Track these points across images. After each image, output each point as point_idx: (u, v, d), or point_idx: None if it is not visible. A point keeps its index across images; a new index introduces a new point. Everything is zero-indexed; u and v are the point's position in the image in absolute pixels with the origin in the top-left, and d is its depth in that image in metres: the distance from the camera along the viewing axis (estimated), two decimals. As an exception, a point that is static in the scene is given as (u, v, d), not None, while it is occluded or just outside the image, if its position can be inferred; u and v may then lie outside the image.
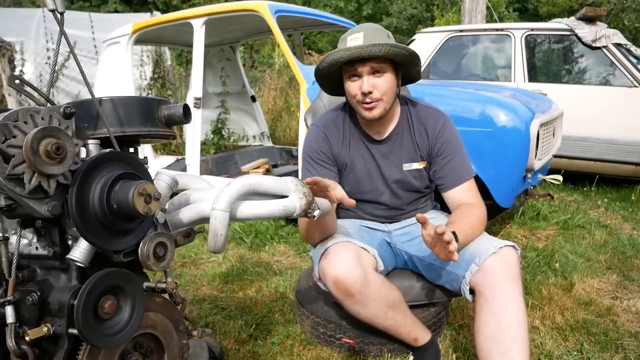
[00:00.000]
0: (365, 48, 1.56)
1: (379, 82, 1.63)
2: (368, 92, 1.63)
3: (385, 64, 1.63)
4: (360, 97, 1.66)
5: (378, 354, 1.85)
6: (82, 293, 0.86)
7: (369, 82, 1.63)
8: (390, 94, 1.68)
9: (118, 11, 16.96)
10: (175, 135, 1.18)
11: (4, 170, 0.79)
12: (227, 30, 4.59)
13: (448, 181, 1.76)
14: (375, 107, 1.67)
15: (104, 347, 0.94)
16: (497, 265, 1.49)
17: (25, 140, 0.80)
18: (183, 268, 2.84)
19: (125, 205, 0.87)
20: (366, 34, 1.62)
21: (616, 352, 1.89)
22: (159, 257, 0.97)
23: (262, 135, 5.43)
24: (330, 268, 1.57)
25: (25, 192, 0.82)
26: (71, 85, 8.06)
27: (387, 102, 1.68)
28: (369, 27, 1.67)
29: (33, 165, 0.80)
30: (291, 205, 1.15)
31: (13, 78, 0.93)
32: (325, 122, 1.84)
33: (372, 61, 1.60)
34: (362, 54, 1.57)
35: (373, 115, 1.68)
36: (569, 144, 4.34)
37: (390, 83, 1.65)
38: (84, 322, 0.86)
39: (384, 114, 1.70)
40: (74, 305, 0.87)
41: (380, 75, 1.63)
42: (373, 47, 1.56)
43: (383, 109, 1.68)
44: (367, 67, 1.61)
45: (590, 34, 4.53)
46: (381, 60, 1.61)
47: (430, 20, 15.18)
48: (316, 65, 1.73)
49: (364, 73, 1.63)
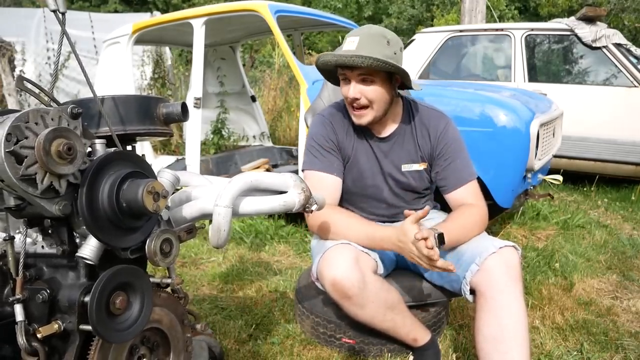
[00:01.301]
0: (349, 57, 1.56)
1: (367, 89, 1.63)
2: (355, 99, 1.64)
3: (375, 72, 1.61)
4: (349, 100, 1.67)
5: (378, 354, 1.86)
6: (95, 290, 0.88)
7: (356, 88, 1.63)
8: (381, 102, 1.67)
9: (118, 11, 16.95)
10: (172, 133, 1.20)
11: (17, 171, 0.80)
12: (227, 30, 4.59)
13: (450, 183, 1.76)
14: (363, 115, 1.68)
15: (116, 342, 0.95)
16: (497, 265, 1.49)
17: (37, 141, 0.81)
18: (183, 268, 2.85)
19: (134, 203, 0.89)
20: (361, 40, 1.60)
21: (616, 352, 1.90)
22: (165, 253, 0.99)
23: (262, 135, 5.43)
24: (328, 270, 1.58)
25: (38, 192, 0.83)
26: (71, 85, 8.06)
27: (378, 110, 1.68)
28: (366, 33, 1.64)
29: (45, 165, 0.81)
30: (291, 200, 1.18)
31: (21, 79, 0.95)
32: (331, 112, 1.85)
33: (360, 69, 1.60)
34: (347, 62, 1.57)
35: (361, 122, 1.70)
36: (569, 144, 4.35)
37: (379, 92, 1.65)
38: (98, 318, 0.88)
39: (374, 121, 1.70)
40: (86, 302, 0.88)
41: (369, 83, 1.63)
42: (356, 59, 1.55)
43: (372, 117, 1.68)
44: (354, 74, 1.62)
45: (590, 34, 4.54)
46: (370, 69, 1.60)
47: (430, 20, 15.19)
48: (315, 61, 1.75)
49: (352, 79, 1.63)
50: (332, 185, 1.75)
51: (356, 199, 1.89)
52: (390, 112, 1.75)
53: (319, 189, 1.56)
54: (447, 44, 5.33)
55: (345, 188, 1.84)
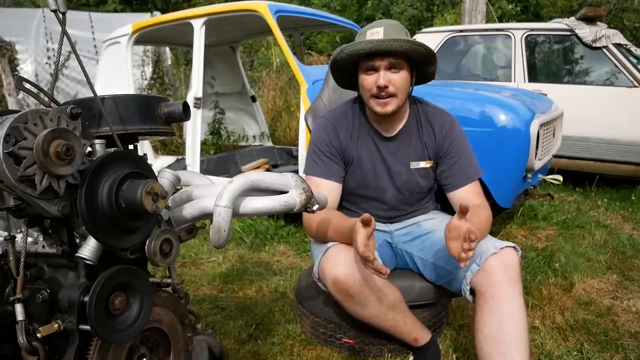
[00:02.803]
0: (386, 42, 1.57)
1: (395, 77, 1.64)
2: (384, 87, 1.64)
3: (403, 60, 1.64)
4: (375, 90, 1.66)
5: (378, 354, 1.86)
6: (94, 290, 0.88)
7: (386, 76, 1.63)
8: (404, 91, 1.69)
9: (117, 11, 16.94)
10: (174, 132, 1.20)
11: (16, 172, 0.80)
12: (227, 30, 4.60)
13: (455, 181, 1.77)
14: (388, 103, 1.67)
15: (116, 342, 0.95)
16: (498, 265, 1.49)
17: (35, 142, 0.81)
18: (183, 268, 2.85)
19: (133, 203, 0.89)
20: (386, 29, 1.63)
21: (616, 352, 1.90)
22: (165, 253, 0.99)
23: (262, 135, 5.44)
24: (330, 269, 1.58)
25: (36, 193, 0.83)
26: (71, 86, 8.07)
27: (401, 99, 1.69)
28: (388, 23, 1.68)
29: (44, 166, 0.81)
30: (292, 200, 1.17)
31: (20, 80, 0.95)
32: (335, 115, 1.85)
33: (390, 56, 1.61)
34: (382, 47, 1.58)
35: (386, 110, 1.69)
36: (569, 144, 4.35)
37: (405, 80, 1.67)
38: (97, 319, 0.88)
39: (397, 110, 1.70)
40: (86, 302, 0.88)
41: (397, 71, 1.64)
42: (394, 42, 1.57)
43: (396, 105, 1.69)
44: (385, 61, 1.62)
45: (590, 34, 4.54)
46: (399, 56, 1.62)
47: (430, 20, 15.19)
48: (333, 56, 1.74)
49: (381, 67, 1.64)
50: (329, 190, 1.76)
51: (358, 200, 1.89)
52: (402, 106, 1.75)
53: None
54: (447, 44, 5.33)
55: (348, 189, 1.84)
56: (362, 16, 18.09)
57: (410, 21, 16.46)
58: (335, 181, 1.79)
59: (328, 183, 1.77)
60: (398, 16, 16.87)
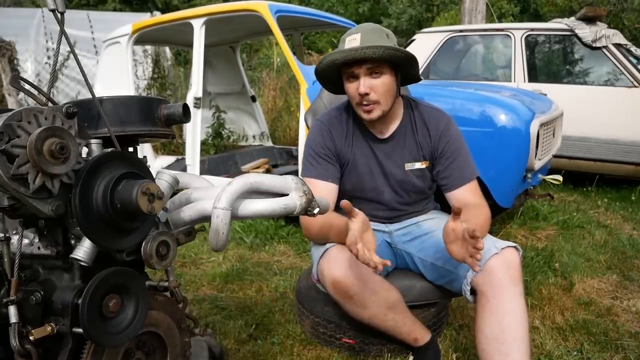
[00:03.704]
0: (359, 50, 1.56)
1: (376, 83, 1.63)
2: (365, 94, 1.63)
3: (383, 65, 1.62)
4: (358, 98, 1.66)
5: (378, 354, 1.85)
6: (87, 292, 0.86)
7: (366, 83, 1.62)
8: (389, 95, 1.67)
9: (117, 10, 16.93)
10: (174, 134, 1.18)
11: (9, 171, 0.79)
12: (227, 30, 4.59)
13: (452, 181, 1.76)
14: (373, 110, 1.67)
15: (109, 345, 0.94)
16: (498, 265, 1.49)
17: (29, 140, 0.80)
18: (183, 268, 2.85)
19: (129, 204, 0.87)
20: (363, 35, 1.61)
21: (616, 352, 1.89)
22: (161, 255, 0.98)
23: (262, 135, 5.43)
24: (329, 270, 1.58)
25: (30, 192, 0.82)
26: (71, 85, 8.06)
27: (386, 104, 1.68)
28: (367, 28, 1.66)
29: (37, 165, 0.80)
30: (292, 203, 1.15)
31: (16, 78, 0.93)
32: (329, 118, 1.85)
33: (368, 62, 1.60)
34: (356, 56, 1.57)
35: (371, 117, 1.68)
36: (569, 144, 4.34)
37: (388, 84, 1.65)
38: (89, 321, 0.86)
39: (383, 115, 1.69)
40: (79, 304, 0.87)
41: (378, 75, 1.63)
42: (367, 50, 1.55)
43: (381, 111, 1.68)
44: (363, 68, 1.61)
45: (590, 34, 4.53)
46: (378, 61, 1.60)
47: (430, 20, 15.18)
48: (315, 66, 1.74)
49: (361, 74, 1.62)
50: (326, 191, 1.75)
51: (355, 201, 1.88)
52: (393, 109, 1.74)
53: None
54: (447, 44, 5.32)
55: (344, 191, 1.84)
56: (362, 16, 18.11)
57: (410, 21, 16.46)
58: (332, 182, 1.79)
59: (325, 184, 1.77)
60: (397, 17, 16.87)
